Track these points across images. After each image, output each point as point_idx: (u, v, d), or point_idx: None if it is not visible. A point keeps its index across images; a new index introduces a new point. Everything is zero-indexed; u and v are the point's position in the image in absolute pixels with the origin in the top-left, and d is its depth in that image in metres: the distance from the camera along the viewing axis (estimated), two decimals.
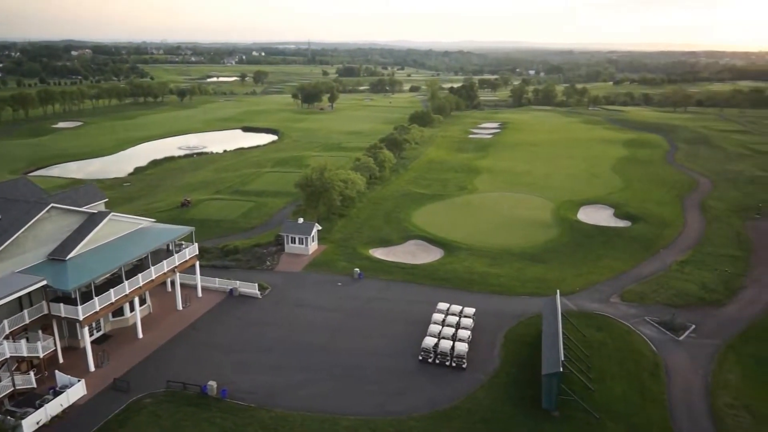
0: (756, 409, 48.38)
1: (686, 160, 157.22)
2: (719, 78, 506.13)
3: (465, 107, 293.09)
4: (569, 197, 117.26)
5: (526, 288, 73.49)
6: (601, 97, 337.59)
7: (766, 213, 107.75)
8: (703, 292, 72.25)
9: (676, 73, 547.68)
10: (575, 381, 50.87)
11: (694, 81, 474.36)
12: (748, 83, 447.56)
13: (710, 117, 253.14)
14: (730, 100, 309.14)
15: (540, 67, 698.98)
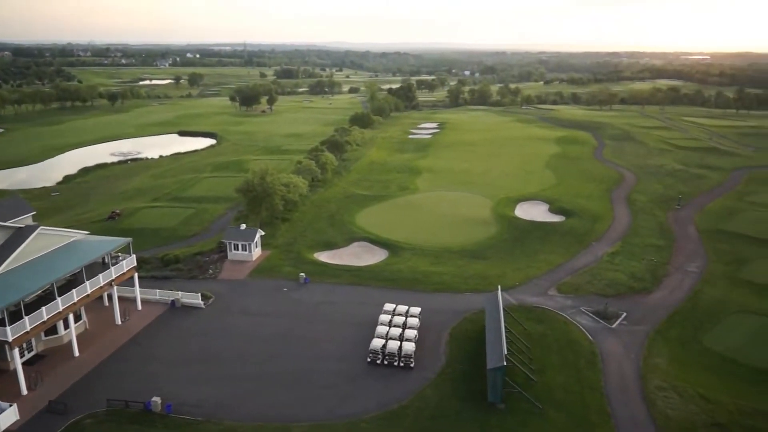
0: (683, 390, 52.01)
1: (613, 156, 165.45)
2: (640, 77, 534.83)
3: (404, 108, 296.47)
4: (506, 194, 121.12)
5: (469, 285, 75.58)
6: (533, 97, 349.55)
7: (686, 204, 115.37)
8: (632, 281, 76.68)
9: (601, 73, 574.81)
10: (518, 373, 52.96)
11: (617, 80, 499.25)
12: (665, 82, 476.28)
13: (633, 114, 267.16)
14: (650, 98, 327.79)
15: (475, 68, 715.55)
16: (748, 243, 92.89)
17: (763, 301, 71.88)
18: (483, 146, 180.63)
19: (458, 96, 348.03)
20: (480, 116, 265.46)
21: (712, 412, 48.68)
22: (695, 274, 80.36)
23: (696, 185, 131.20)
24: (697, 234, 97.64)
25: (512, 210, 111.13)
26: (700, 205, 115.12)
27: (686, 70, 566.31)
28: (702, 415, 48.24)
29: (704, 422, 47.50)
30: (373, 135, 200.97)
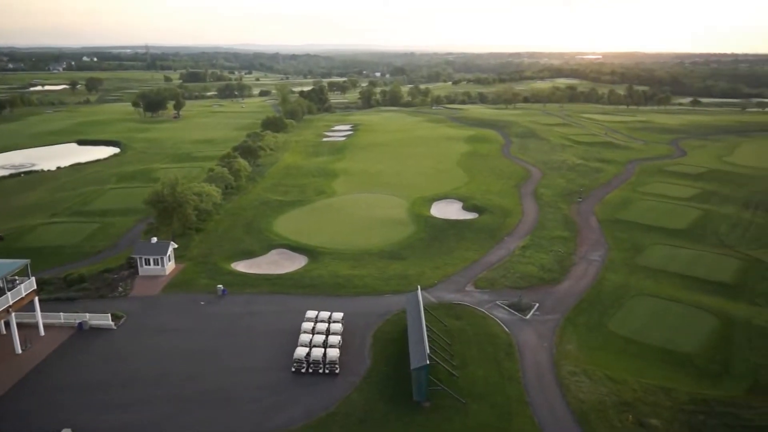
0: (592, 373, 55.68)
1: (519, 153, 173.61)
2: (540, 77, 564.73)
3: (317, 110, 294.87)
4: (421, 194, 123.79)
5: (390, 286, 76.59)
6: (442, 97, 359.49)
7: (586, 196, 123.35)
8: (542, 273, 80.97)
9: (505, 73, 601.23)
10: (441, 370, 54.40)
11: (520, 80, 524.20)
12: (563, 81, 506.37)
13: (536, 112, 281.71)
14: (550, 96, 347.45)
15: (385, 69, 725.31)
16: (643, 231, 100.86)
17: (658, 284, 78.41)
18: (397, 147, 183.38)
19: (370, 97, 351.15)
20: (392, 117, 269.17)
21: (619, 392, 52.52)
22: (598, 262, 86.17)
23: (595, 178, 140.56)
24: (598, 224, 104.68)
25: (428, 209, 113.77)
26: (599, 197, 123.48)
27: (581, 70, 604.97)
28: (611, 396, 51.92)
29: (613, 402, 51.15)
30: (286, 139, 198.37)
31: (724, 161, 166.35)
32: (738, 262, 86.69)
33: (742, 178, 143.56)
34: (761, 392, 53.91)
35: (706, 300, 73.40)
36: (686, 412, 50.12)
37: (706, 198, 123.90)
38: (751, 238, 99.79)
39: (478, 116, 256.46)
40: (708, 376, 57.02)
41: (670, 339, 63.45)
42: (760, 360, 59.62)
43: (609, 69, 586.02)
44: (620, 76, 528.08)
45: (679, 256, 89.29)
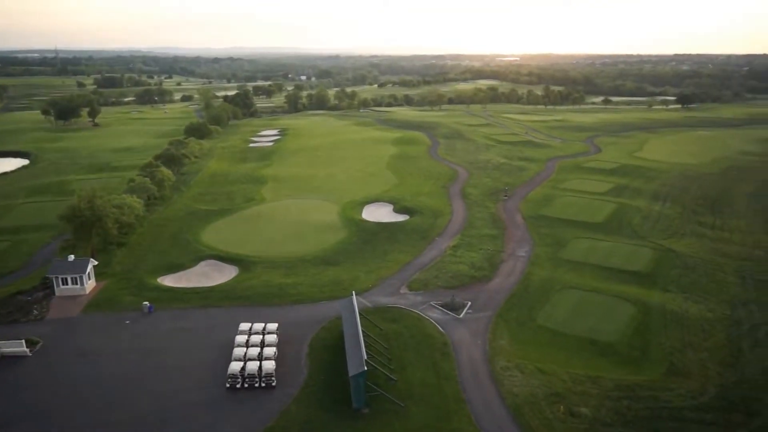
0: (524, 366, 57.70)
1: (446, 154, 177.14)
2: (463, 78, 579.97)
3: (242, 116, 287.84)
4: (352, 198, 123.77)
5: (324, 293, 75.98)
6: (369, 100, 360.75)
7: (511, 194, 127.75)
8: (473, 271, 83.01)
9: (429, 75, 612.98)
10: (379, 375, 54.51)
11: (444, 81, 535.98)
12: (485, 82, 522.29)
13: (460, 113, 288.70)
14: (473, 97, 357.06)
15: (311, 72, 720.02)
16: (565, 225, 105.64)
17: (580, 276, 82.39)
18: (325, 151, 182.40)
19: (297, 101, 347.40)
20: (320, 121, 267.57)
21: (550, 384, 54.69)
22: (525, 258, 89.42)
23: (518, 176, 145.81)
24: (523, 221, 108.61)
25: (359, 213, 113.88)
26: (524, 195, 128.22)
27: (501, 71, 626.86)
28: (542, 388, 53.98)
29: (544, 394, 53.20)
30: (211, 145, 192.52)
31: (635, 156, 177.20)
32: (651, 252, 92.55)
33: (651, 172, 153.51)
34: (676, 374, 57.81)
35: (624, 289, 77.87)
36: (612, 399, 52.91)
37: (619, 192, 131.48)
38: (661, 229, 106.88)
39: (404, 118, 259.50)
40: (629, 362, 60.50)
41: (593, 329, 66.82)
42: (674, 343, 63.93)
43: (527, 70, 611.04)
44: (537, 77, 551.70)
45: (598, 248, 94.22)
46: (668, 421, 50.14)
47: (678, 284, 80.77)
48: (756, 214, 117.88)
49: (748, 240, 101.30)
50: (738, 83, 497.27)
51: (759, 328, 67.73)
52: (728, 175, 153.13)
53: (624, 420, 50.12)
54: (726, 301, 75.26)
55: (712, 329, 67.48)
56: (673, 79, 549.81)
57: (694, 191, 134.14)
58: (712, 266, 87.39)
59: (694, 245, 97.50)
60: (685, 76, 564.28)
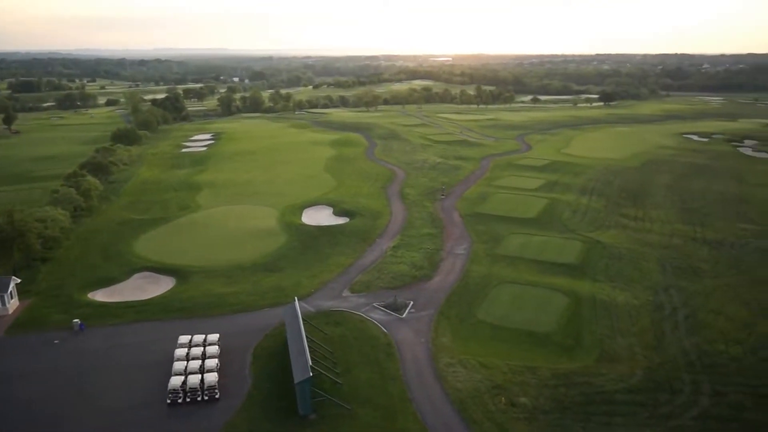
0: (467, 362, 59.32)
1: (383, 155, 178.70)
2: (398, 79, 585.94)
3: (173, 120, 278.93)
4: (291, 202, 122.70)
5: (266, 300, 75.09)
6: (304, 101, 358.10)
7: (448, 193, 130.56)
8: (414, 271, 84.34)
9: (364, 75, 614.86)
10: (325, 379, 54.53)
11: (378, 82, 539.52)
12: (419, 82, 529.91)
13: (396, 114, 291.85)
14: (408, 97, 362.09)
15: (243, 74, 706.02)
16: (500, 222, 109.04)
17: (516, 271, 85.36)
18: (262, 154, 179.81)
19: (230, 104, 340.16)
20: (255, 124, 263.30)
21: (491, 377, 56.53)
22: (463, 255, 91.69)
23: (454, 175, 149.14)
24: (460, 219, 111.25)
25: (299, 217, 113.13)
26: (460, 193, 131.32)
27: (435, 71, 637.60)
28: (484, 381, 55.72)
29: (486, 387, 54.94)
30: (141, 151, 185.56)
31: (563, 153, 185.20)
32: (580, 244, 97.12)
33: (577, 167, 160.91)
34: (607, 360, 61.14)
35: (557, 281, 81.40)
36: (549, 387, 55.32)
37: (550, 188, 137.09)
38: (589, 222, 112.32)
39: (341, 120, 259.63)
40: (564, 351, 63.38)
41: (530, 321, 69.53)
42: (604, 331, 67.54)
43: (459, 70, 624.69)
44: (469, 77, 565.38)
45: (532, 243, 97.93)
46: (601, 405, 52.97)
47: (606, 274, 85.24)
48: (673, 204, 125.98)
49: (667, 229, 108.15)
50: (653, 81, 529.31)
51: (678, 312, 72.63)
52: (647, 169, 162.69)
53: (561, 407, 52.53)
54: (649, 288, 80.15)
55: (638, 315, 71.73)
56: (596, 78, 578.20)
57: (617, 185, 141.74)
58: (636, 255, 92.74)
59: (619, 236, 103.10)
60: (606, 75, 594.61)
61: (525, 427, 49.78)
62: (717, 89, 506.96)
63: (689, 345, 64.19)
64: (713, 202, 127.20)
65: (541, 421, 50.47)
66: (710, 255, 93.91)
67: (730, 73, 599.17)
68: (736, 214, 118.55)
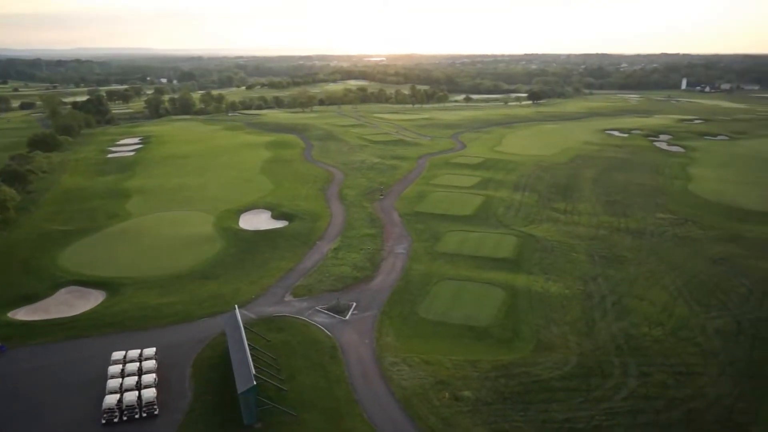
0: (410, 360, 60.18)
1: (321, 156, 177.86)
2: (332, 79, 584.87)
3: (96, 123, 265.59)
4: (227, 206, 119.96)
5: (205, 309, 73.12)
6: (237, 103, 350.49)
7: (387, 193, 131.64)
8: (355, 272, 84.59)
9: (298, 76, 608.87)
10: (269, 387, 53.86)
11: (313, 82, 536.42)
12: (354, 82, 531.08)
13: (332, 114, 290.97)
14: (343, 98, 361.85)
15: (172, 75, 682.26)
16: (438, 220, 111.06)
17: (455, 267, 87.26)
18: (195, 158, 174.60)
19: (158, 106, 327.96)
20: (186, 126, 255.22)
21: (435, 373, 57.64)
22: (404, 254, 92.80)
23: (392, 175, 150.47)
24: (400, 219, 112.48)
25: (236, 222, 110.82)
26: (399, 193, 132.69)
27: (369, 71, 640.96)
28: (428, 378, 56.75)
29: (430, 383, 55.98)
30: (62, 158, 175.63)
31: (496, 151, 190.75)
32: (515, 239, 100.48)
33: (510, 164, 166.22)
34: (543, 349, 63.71)
35: (494, 276, 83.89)
36: (490, 379, 57.06)
37: (485, 185, 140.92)
38: (522, 216, 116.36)
39: (276, 121, 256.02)
40: (503, 343, 65.50)
41: (470, 316, 71.37)
42: (540, 321, 70.33)
43: (393, 70, 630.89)
44: (403, 76, 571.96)
45: (470, 239, 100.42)
46: (539, 393, 55.18)
47: (540, 266, 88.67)
48: (598, 197, 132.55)
49: (593, 221, 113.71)
50: (578, 80, 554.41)
51: (606, 299, 76.68)
52: (574, 164, 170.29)
53: (502, 397, 54.33)
54: (579, 278, 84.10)
55: (570, 304, 75.14)
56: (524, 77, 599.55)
57: (547, 180, 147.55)
58: (566, 247, 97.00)
59: (551, 230, 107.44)
60: (534, 74, 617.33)
61: (469, 419, 51.14)
62: (634, 87, 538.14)
63: (617, 330, 67.93)
64: (634, 194, 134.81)
65: (484, 413, 52.01)
66: (633, 244, 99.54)
67: (645, 72, 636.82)
68: (654, 204, 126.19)
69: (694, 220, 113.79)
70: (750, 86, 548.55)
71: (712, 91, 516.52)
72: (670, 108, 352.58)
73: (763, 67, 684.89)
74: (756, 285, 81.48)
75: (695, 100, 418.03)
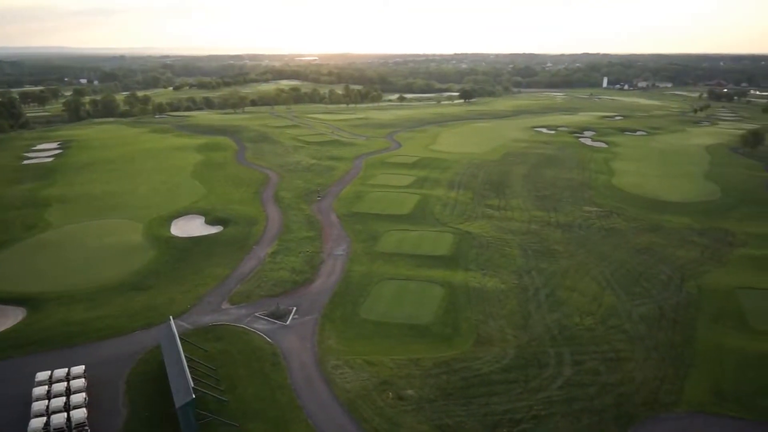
0: (353, 362, 60.10)
1: (255, 158, 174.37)
2: (264, 79, 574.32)
3: (9, 128, 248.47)
4: (158, 213, 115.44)
5: (137, 322, 70.01)
6: (165, 104, 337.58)
7: (324, 194, 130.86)
8: (294, 276, 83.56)
9: (228, 76, 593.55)
10: (209, 399, 52.30)
11: (245, 83, 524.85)
12: (287, 82, 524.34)
13: (265, 115, 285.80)
14: (276, 98, 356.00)
15: (92, 75, 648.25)
16: (376, 220, 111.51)
17: (395, 267, 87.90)
18: (121, 163, 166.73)
19: (79, 108, 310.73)
20: (110, 130, 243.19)
21: (378, 374, 57.85)
22: (343, 256, 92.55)
23: (329, 176, 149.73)
24: (338, 220, 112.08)
25: (167, 229, 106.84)
26: (336, 194, 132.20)
27: (302, 71, 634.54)
28: (371, 379, 56.89)
29: (374, 384, 56.14)
30: None
31: (430, 149, 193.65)
32: (452, 236, 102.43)
33: (444, 162, 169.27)
34: (482, 343, 65.31)
35: (433, 273, 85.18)
36: (433, 376, 57.90)
37: (421, 184, 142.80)
38: (458, 214, 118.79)
39: (207, 123, 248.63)
40: (444, 339, 66.60)
41: (411, 314, 72.13)
42: (478, 316, 72.05)
43: (326, 70, 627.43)
44: (337, 76, 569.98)
45: (408, 238, 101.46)
46: (480, 387, 56.54)
47: (476, 262, 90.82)
48: (529, 193, 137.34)
49: (525, 216, 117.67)
50: (506, 79, 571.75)
51: (540, 292, 79.60)
52: (506, 161, 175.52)
53: (445, 393, 55.26)
54: (514, 272, 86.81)
55: (506, 298, 77.43)
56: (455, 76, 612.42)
57: (481, 177, 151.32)
58: (501, 243, 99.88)
59: (485, 226, 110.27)
60: (464, 73, 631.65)
61: (413, 418, 51.68)
62: (559, 86, 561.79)
63: (551, 321, 70.65)
64: (562, 189, 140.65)
65: (428, 410, 52.72)
66: (563, 237, 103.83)
67: (569, 71, 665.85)
68: (581, 198, 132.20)
69: (619, 213, 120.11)
70: (664, 84, 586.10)
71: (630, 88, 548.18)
72: (593, 105, 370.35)
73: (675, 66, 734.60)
74: (675, 272, 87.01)
75: (615, 98, 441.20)
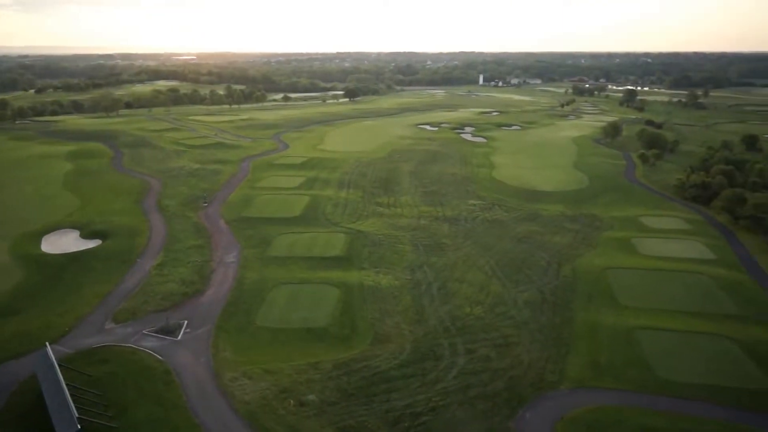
0: (251, 372, 59.27)
1: (133, 165, 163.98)
2: (139, 80, 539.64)
3: None
4: (25, 229, 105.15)
5: (7, 351, 63.63)
6: (26, 108, 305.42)
7: (211, 200, 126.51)
8: (184, 287, 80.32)
9: (99, 76, 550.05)
10: (96, 427, 49.12)
11: (117, 84, 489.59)
12: (164, 83, 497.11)
13: (142, 118, 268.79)
14: (153, 100, 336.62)
15: None
16: (267, 224, 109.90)
17: (288, 271, 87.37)
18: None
19: None
20: None
21: (277, 382, 57.57)
22: (234, 263, 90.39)
23: (215, 181, 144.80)
24: (227, 226, 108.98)
25: (37, 246, 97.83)
26: (223, 199, 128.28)
27: (180, 71, 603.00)
28: (271, 388, 56.51)
29: (274, 393, 55.83)
30: None
31: (318, 149, 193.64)
32: (344, 236, 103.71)
33: (333, 162, 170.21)
34: (380, 341, 67.21)
35: (328, 275, 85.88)
36: (333, 378, 58.71)
37: (310, 184, 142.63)
38: (350, 213, 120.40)
39: (77, 128, 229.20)
40: (342, 340, 67.62)
41: (307, 318, 72.34)
42: (374, 314, 73.93)
43: (206, 69, 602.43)
44: (217, 76, 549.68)
45: (300, 240, 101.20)
46: (380, 384, 58.27)
47: (369, 261, 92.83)
48: (417, 189, 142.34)
49: (414, 212, 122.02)
50: (389, 77, 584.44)
51: (432, 286, 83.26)
52: (393, 158, 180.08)
53: (346, 395, 56.31)
54: (406, 268, 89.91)
55: (400, 294, 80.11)
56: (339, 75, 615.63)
57: (369, 176, 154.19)
58: (392, 240, 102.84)
59: (377, 224, 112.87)
60: (348, 72, 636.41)
61: (316, 422, 52.18)
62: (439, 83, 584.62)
63: (444, 313, 74.25)
64: (448, 184, 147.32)
65: (330, 413, 53.46)
66: (450, 231, 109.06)
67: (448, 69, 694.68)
68: (465, 192, 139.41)
69: (500, 204, 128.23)
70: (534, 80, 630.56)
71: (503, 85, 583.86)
72: (471, 102, 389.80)
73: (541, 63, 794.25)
74: (552, 257, 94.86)
75: (491, 94, 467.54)
